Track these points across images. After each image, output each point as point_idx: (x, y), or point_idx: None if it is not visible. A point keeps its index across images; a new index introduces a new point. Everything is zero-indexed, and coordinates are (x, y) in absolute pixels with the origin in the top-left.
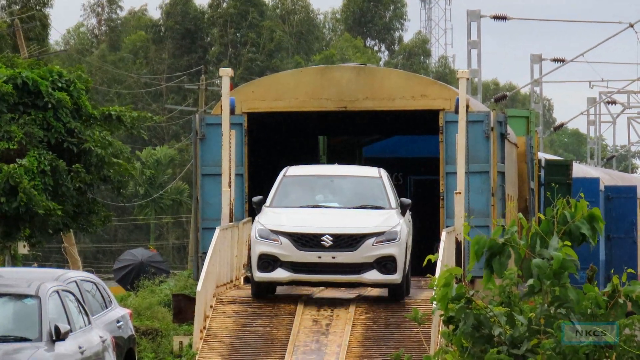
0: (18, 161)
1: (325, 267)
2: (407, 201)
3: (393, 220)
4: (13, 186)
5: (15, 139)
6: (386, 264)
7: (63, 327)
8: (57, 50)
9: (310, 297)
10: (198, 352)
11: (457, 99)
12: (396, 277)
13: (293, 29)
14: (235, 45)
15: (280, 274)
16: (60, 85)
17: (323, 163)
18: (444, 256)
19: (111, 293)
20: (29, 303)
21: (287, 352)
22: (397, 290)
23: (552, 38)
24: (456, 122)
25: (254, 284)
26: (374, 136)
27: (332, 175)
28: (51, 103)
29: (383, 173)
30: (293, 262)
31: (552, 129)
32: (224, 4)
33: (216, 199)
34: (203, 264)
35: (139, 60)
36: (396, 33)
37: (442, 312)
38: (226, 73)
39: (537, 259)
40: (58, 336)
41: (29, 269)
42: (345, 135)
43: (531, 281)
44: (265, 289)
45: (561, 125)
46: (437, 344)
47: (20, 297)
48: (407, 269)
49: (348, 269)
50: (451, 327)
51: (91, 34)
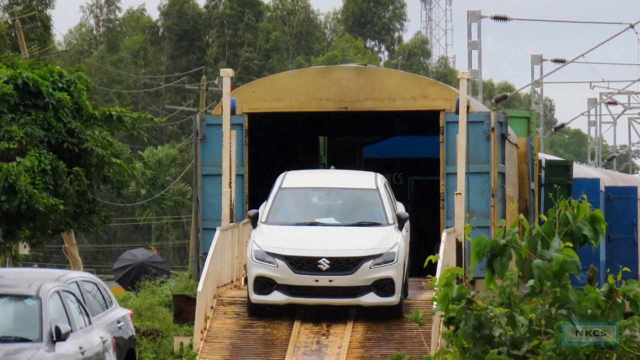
0: (18, 159)
1: (322, 291)
2: (405, 215)
3: (391, 239)
4: (12, 185)
5: (15, 139)
6: (384, 287)
7: (64, 328)
8: (60, 50)
9: None
10: (198, 353)
11: (458, 100)
12: (394, 300)
13: (293, 30)
14: (232, 46)
15: (276, 297)
16: (60, 85)
17: (323, 164)
18: (445, 257)
19: (112, 293)
20: (30, 303)
21: (288, 353)
22: (395, 310)
23: (553, 39)
24: (457, 123)
25: (250, 305)
26: (375, 137)
27: (328, 187)
28: (52, 103)
29: (380, 182)
30: (289, 285)
31: (553, 130)
32: (221, 6)
33: (216, 200)
34: (203, 265)
35: (138, 61)
36: (395, 33)
37: (443, 313)
38: (227, 73)
39: (538, 260)
40: (59, 337)
41: (30, 270)
42: (345, 135)
43: (532, 282)
44: (261, 310)
45: (562, 125)
46: (438, 345)
47: (20, 298)
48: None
49: (345, 292)
50: (452, 328)
51: (90, 35)
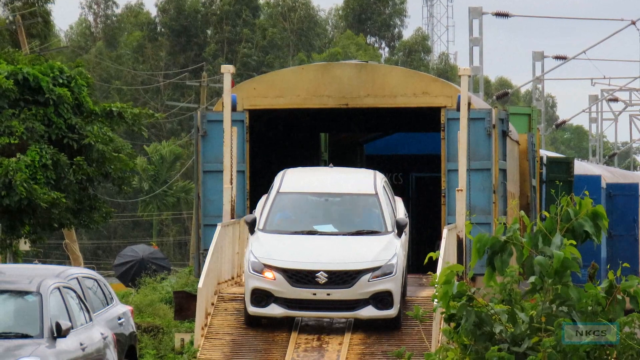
0: (18, 155)
1: (319, 304)
2: (404, 221)
3: (390, 250)
4: (12, 180)
5: (16, 134)
6: (382, 300)
7: (64, 324)
8: (61, 46)
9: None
10: (199, 349)
11: (459, 97)
12: (392, 312)
13: (294, 26)
14: (230, 42)
15: (273, 310)
16: (61, 81)
17: (324, 160)
18: (445, 253)
19: (112, 290)
20: (30, 300)
21: (289, 350)
22: (394, 323)
23: (554, 35)
24: (458, 120)
25: (247, 317)
26: (376, 133)
27: (327, 193)
28: (52, 99)
29: (379, 183)
30: (287, 299)
31: (554, 127)
32: (218, 2)
33: (218, 196)
34: (204, 261)
35: (136, 56)
36: (395, 29)
37: (444, 310)
38: (228, 70)
39: (539, 257)
40: (59, 333)
41: (31, 266)
42: (346, 132)
43: (533, 279)
44: (258, 322)
45: (563, 122)
46: (439, 342)
47: (21, 294)
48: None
49: (343, 306)
50: (452, 325)
51: (88, 31)
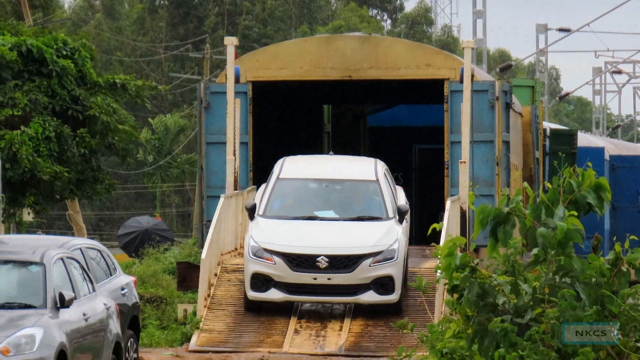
0: (22, 128)
1: (320, 289)
2: (405, 208)
3: (391, 235)
4: (16, 153)
5: (19, 106)
6: (384, 285)
7: (67, 295)
8: (64, 18)
9: None
10: (202, 320)
11: (462, 69)
12: (394, 297)
13: None
14: (231, 14)
15: (273, 295)
16: (64, 53)
17: (328, 132)
18: (449, 225)
19: (115, 260)
20: (34, 270)
21: (291, 319)
22: (395, 308)
23: (558, 7)
24: (461, 92)
25: (247, 301)
26: (379, 105)
27: (327, 179)
28: (56, 71)
29: (380, 171)
30: (287, 283)
31: (558, 99)
32: None
33: (221, 168)
34: (207, 232)
35: (137, 27)
36: (398, 1)
37: (447, 281)
38: (231, 42)
39: (542, 229)
40: (62, 303)
41: (34, 236)
42: (349, 104)
43: (536, 250)
44: (258, 307)
45: (566, 94)
46: (442, 313)
47: (25, 264)
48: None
49: (344, 291)
50: (455, 296)
51: (87, 4)
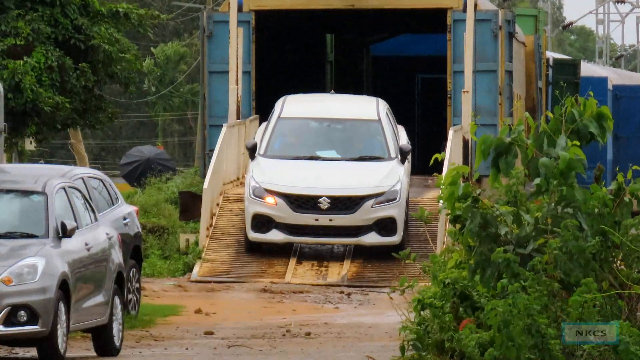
0: (25, 59)
1: (322, 230)
2: (407, 148)
3: (393, 176)
4: (19, 83)
5: (22, 35)
6: (386, 226)
7: (69, 224)
8: None
9: None
10: (204, 250)
11: None
12: (396, 239)
13: None
14: None
15: (275, 236)
16: None
17: (330, 61)
18: (451, 155)
19: (117, 190)
20: (36, 199)
21: (293, 249)
22: (397, 249)
23: None
24: (464, 21)
25: (247, 242)
26: (382, 35)
27: (329, 118)
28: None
29: (382, 110)
30: (288, 224)
31: (561, 28)
32: None
33: (223, 97)
34: (210, 162)
35: None
36: None
37: (449, 211)
38: None
39: (544, 158)
40: (64, 233)
41: (36, 166)
42: (352, 33)
43: (538, 180)
44: (259, 247)
45: (570, 24)
46: (444, 243)
47: (26, 194)
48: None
49: (346, 232)
50: (458, 226)
51: None
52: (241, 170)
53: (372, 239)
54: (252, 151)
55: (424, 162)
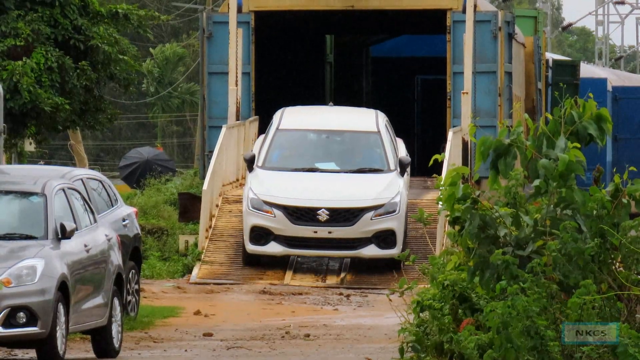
0: (24, 59)
1: (321, 242)
2: (407, 160)
3: (393, 188)
4: (17, 84)
5: (22, 36)
6: (385, 239)
7: (69, 225)
8: None
9: None
10: (204, 251)
11: None
12: (395, 252)
13: None
14: None
15: (273, 248)
16: None
17: (330, 62)
18: (451, 156)
19: (117, 191)
20: (35, 201)
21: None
22: (396, 263)
23: None
24: (464, 22)
25: (246, 255)
26: (382, 35)
27: (328, 130)
28: (58, 0)
29: (381, 122)
30: (287, 237)
31: (561, 29)
32: None
33: (223, 98)
34: (209, 163)
35: None
36: None
37: (448, 213)
38: None
39: (544, 160)
40: (64, 234)
41: (35, 167)
42: (352, 34)
43: (537, 182)
44: (257, 260)
45: (569, 25)
46: (443, 245)
47: (26, 195)
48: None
49: (345, 244)
50: (457, 228)
51: None
52: (241, 171)
53: (372, 252)
54: (250, 163)
55: (424, 164)
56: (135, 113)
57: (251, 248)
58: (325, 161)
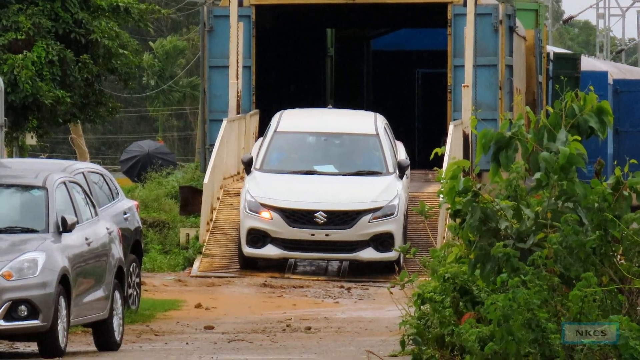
0: (25, 53)
1: (318, 245)
2: (406, 163)
3: (391, 191)
4: (17, 77)
5: (23, 30)
6: (383, 242)
7: (70, 219)
8: None
9: None
10: (204, 244)
11: None
12: (393, 255)
13: None
14: None
15: (270, 251)
16: None
17: (330, 56)
18: (452, 149)
19: (118, 184)
20: (36, 194)
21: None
22: (394, 265)
23: None
24: (464, 15)
25: (243, 258)
26: (382, 29)
27: (326, 132)
28: None
29: (380, 125)
30: (284, 239)
31: (562, 22)
32: None
33: (223, 91)
34: (210, 156)
35: None
36: None
37: (449, 206)
38: None
39: (545, 153)
40: (65, 227)
41: (37, 160)
42: (353, 28)
43: (538, 175)
44: (255, 263)
45: (570, 18)
46: (444, 238)
47: (27, 188)
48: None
49: (342, 247)
50: (458, 221)
51: None
52: (241, 165)
53: (369, 255)
54: (248, 165)
55: (425, 157)
56: (136, 107)
57: (248, 251)
58: (323, 164)
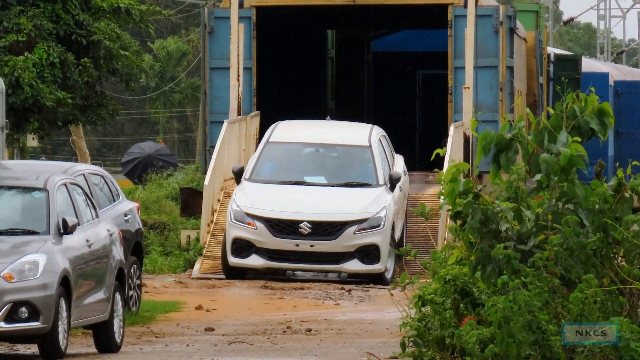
0: (26, 54)
1: (302, 256)
2: (397, 175)
3: (379, 203)
4: (19, 79)
5: (24, 31)
6: (369, 254)
7: (71, 221)
8: None
9: None
10: (205, 246)
11: None
12: (379, 267)
13: None
14: None
15: (254, 261)
16: None
17: (331, 57)
18: (452, 151)
19: (119, 186)
20: (37, 196)
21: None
22: (381, 278)
23: None
24: (465, 17)
25: (227, 268)
26: (383, 30)
27: (318, 143)
28: None
29: (375, 137)
30: (269, 250)
31: (562, 23)
32: None
33: (224, 93)
34: (211, 158)
35: None
36: None
37: (450, 207)
38: None
39: (545, 154)
40: (66, 229)
41: (38, 162)
42: (353, 29)
43: (539, 176)
44: (240, 273)
45: (571, 19)
46: (445, 240)
47: (28, 190)
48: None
49: (327, 258)
50: (458, 223)
51: None
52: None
53: (354, 266)
54: (238, 176)
55: (425, 158)
56: (137, 109)
57: (233, 260)
58: (315, 175)
